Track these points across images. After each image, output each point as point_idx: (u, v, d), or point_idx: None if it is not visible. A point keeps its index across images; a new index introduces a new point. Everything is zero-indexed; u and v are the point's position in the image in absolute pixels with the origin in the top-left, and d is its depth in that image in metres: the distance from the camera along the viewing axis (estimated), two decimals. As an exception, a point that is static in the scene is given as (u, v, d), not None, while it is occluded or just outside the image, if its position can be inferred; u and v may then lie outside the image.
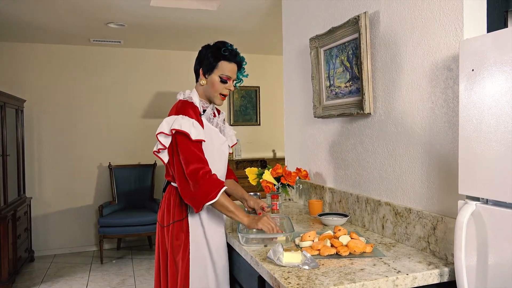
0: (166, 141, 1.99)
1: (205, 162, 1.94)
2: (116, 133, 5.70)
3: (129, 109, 5.75)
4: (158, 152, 2.03)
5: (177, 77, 5.85)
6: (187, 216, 2.04)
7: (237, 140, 2.43)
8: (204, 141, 1.98)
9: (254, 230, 2.02)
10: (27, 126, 5.31)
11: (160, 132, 1.97)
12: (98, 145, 5.63)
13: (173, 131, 1.94)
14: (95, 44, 5.43)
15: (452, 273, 1.53)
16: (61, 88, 5.47)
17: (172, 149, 1.99)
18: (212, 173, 1.95)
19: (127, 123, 5.75)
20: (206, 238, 2.05)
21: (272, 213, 2.52)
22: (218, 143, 2.12)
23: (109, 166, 5.57)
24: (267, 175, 2.65)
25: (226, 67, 2.05)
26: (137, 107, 5.79)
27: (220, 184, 1.92)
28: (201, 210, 1.94)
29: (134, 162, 5.77)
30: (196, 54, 2.18)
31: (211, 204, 1.92)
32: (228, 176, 2.35)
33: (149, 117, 5.82)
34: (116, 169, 5.56)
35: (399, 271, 1.50)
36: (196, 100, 2.08)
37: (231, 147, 2.31)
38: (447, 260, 1.63)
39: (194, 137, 1.93)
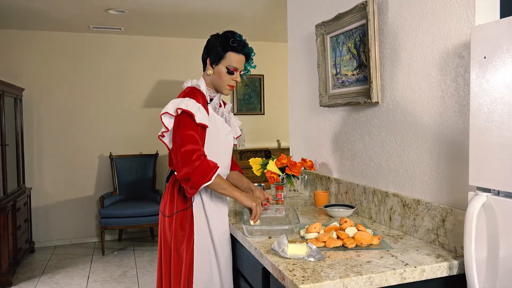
0: (170, 123, 2.01)
1: (200, 145, 1.96)
2: (117, 123, 5.71)
3: (130, 98, 5.75)
4: (163, 136, 2.05)
5: (179, 65, 5.83)
6: (192, 206, 2.05)
7: (240, 130, 2.44)
8: (207, 126, 2.00)
9: (258, 221, 2.03)
10: (26, 115, 5.32)
11: (165, 113, 1.99)
12: (99, 134, 5.64)
13: (179, 111, 1.96)
14: (95, 31, 5.42)
15: (462, 266, 1.53)
16: (60, 77, 5.46)
17: (174, 130, 2.00)
18: (206, 155, 1.97)
19: (128, 113, 5.75)
20: (209, 229, 2.06)
21: (277, 204, 2.53)
22: (224, 133, 2.14)
23: (110, 156, 5.59)
24: (272, 166, 2.65)
25: (233, 58, 2.05)
26: (138, 96, 5.78)
27: (215, 166, 1.95)
28: (197, 192, 1.97)
29: (135, 152, 5.78)
30: (198, 41, 2.18)
31: (207, 186, 1.95)
32: (233, 167, 2.35)
33: (150, 106, 5.81)
34: (117, 159, 5.57)
35: (406, 264, 1.50)
36: (204, 89, 2.10)
37: (235, 138, 2.32)
38: (456, 252, 1.63)
39: (198, 120, 1.95)
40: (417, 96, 1.86)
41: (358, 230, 1.80)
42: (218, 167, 1.97)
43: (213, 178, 1.93)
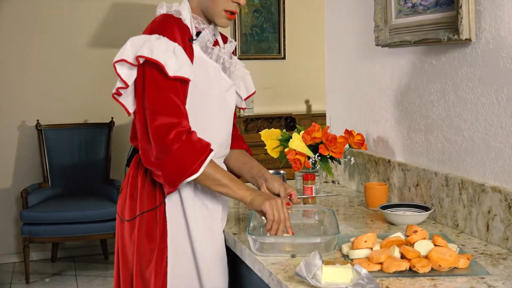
0: (130, 75, 1.99)
1: (183, 115, 1.96)
2: (48, 74, 5.72)
3: (68, 33, 5.75)
4: (118, 94, 2.03)
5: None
6: (164, 203, 2.06)
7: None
8: (189, 80, 1.98)
9: (265, 222, 2.01)
10: None
11: (120, 60, 1.97)
12: (19, 92, 5.66)
13: (141, 60, 1.94)
14: None
15: None
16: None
17: (139, 90, 1.99)
18: (192, 130, 1.96)
19: (66, 57, 5.76)
20: (191, 240, 2.07)
21: (305, 203, 2.54)
22: (220, 88, 2.13)
23: (37, 126, 5.61)
24: (297, 142, 2.65)
25: None
26: (81, 30, 5.78)
27: (206, 148, 1.94)
28: (176, 189, 1.98)
29: (77, 119, 5.80)
30: None
31: (193, 180, 1.95)
32: (236, 145, 2.36)
33: (100, 46, 5.82)
34: (49, 131, 5.60)
35: (512, 299, 1.52)
36: (187, 17, 2.08)
37: (245, 99, 2.30)
38: None
39: (172, 71, 1.92)
40: (535, 30, 1.85)
41: (435, 245, 1.81)
42: (212, 150, 1.96)
43: (201, 168, 1.91)
